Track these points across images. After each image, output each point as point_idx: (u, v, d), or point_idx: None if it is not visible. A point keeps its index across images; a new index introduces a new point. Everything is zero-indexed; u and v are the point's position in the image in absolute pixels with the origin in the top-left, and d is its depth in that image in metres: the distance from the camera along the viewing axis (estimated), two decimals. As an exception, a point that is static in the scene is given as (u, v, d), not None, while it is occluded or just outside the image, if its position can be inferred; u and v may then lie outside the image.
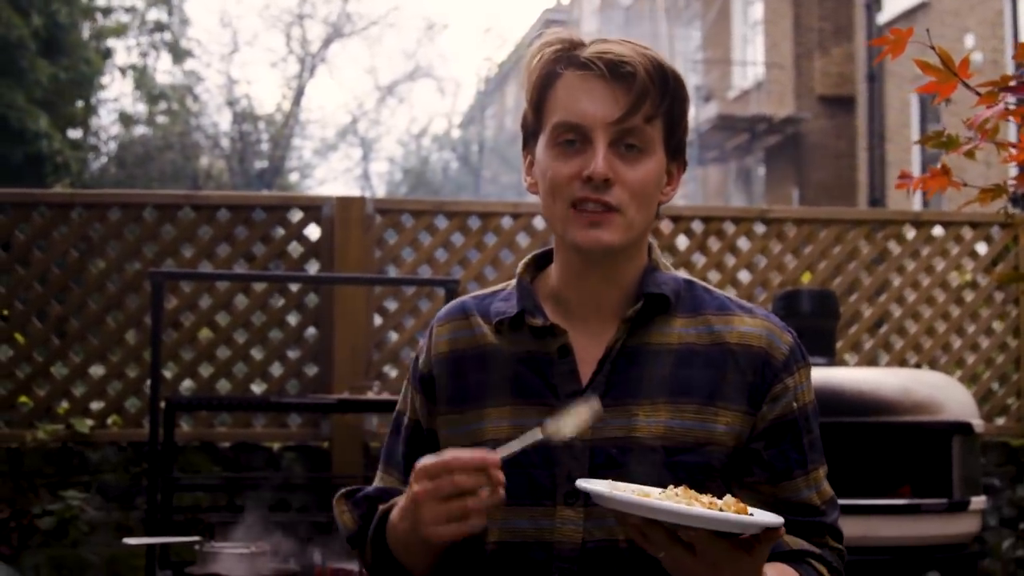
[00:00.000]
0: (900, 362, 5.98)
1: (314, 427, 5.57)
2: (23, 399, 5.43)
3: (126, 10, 22.16)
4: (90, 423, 5.39)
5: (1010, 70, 2.34)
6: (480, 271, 5.75)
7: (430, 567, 1.73)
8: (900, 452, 4.68)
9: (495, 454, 1.57)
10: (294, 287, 5.61)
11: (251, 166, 24.85)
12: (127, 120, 23.06)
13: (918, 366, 5.97)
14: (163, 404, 4.48)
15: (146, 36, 23.08)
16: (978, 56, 13.73)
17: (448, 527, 1.57)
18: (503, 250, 5.81)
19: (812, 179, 19.18)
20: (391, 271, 5.80)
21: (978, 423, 4.70)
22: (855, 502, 4.50)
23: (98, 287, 5.52)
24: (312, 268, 5.70)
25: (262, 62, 54.01)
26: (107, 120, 23.56)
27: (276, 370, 5.63)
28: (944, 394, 4.66)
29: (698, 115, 20.92)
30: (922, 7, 15.50)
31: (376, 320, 5.65)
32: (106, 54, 20.70)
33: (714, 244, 5.96)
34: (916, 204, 14.04)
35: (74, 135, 19.52)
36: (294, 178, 28.27)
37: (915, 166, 14.82)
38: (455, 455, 1.57)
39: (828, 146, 19.12)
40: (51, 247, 5.49)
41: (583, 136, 1.72)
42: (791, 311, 4.95)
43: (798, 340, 1.83)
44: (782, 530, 1.54)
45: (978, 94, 2.27)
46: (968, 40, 14.38)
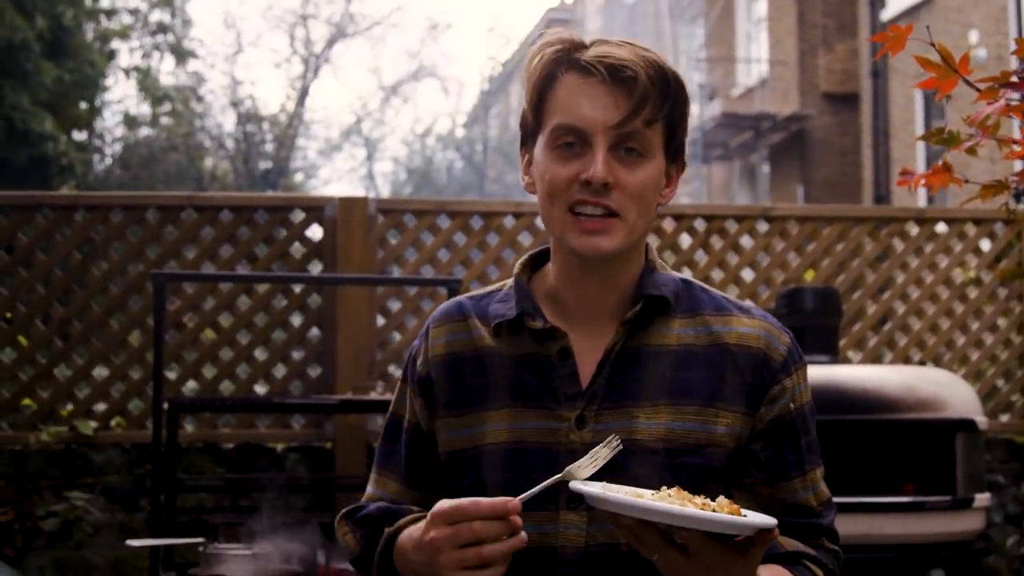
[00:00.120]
0: (904, 359, 5.97)
1: (317, 428, 5.57)
2: (26, 401, 5.44)
3: (130, 12, 22.17)
4: (93, 425, 5.39)
5: (1014, 66, 2.33)
6: (482, 271, 5.75)
7: None
8: (904, 450, 4.67)
9: (515, 500, 1.55)
10: (297, 288, 5.61)
11: (256, 167, 24.85)
12: (131, 122, 23.07)
13: (922, 363, 5.96)
14: (166, 405, 4.48)
15: (149, 38, 23.08)
16: (982, 52, 13.68)
17: (464, 574, 1.56)
18: (505, 250, 5.81)
19: (817, 176, 19.13)
20: (394, 271, 5.81)
21: (982, 420, 4.69)
22: (859, 500, 4.49)
23: (101, 289, 5.52)
24: (315, 269, 5.71)
25: (266, 63, 54.04)
26: (111, 122, 23.59)
27: (279, 371, 5.64)
28: (948, 391, 4.65)
29: (702, 113, 20.90)
30: (926, 3, 15.46)
31: (379, 320, 5.65)
32: (110, 56, 20.70)
33: (717, 242, 5.95)
34: (921, 201, 14.00)
35: (79, 137, 19.53)
36: (299, 179, 28.28)
37: (920, 163, 14.79)
38: (475, 501, 1.55)
39: (833, 143, 19.08)
40: (54, 249, 5.49)
41: (583, 139, 1.71)
42: (794, 309, 4.94)
43: (795, 340, 1.83)
44: (776, 531, 1.53)
45: (978, 90, 2.26)
46: (972, 36, 14.34)
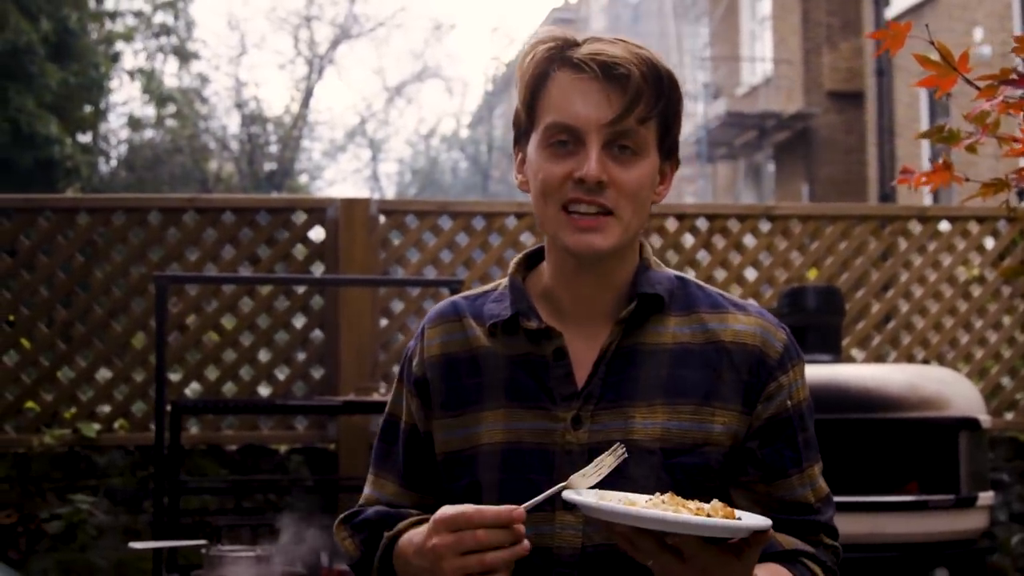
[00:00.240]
0: (907, 358, 5.95)
1: (321, 429, 5.56)
2: (30, 404, 5.44)
3: (134, 14, 22.19)
4: (97, 427, 5.39)
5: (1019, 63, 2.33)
6: (485, 271, 5.74)
7: None
8: (907, 448, 4.66)
9: (520, 509, 1.54)
10: (299, 289, 5.61)
11: (260, 168, 24.88)
12: (136, 124, 23.10)
13: (926, 362, 5.95)
14: (169, 408, 4.48)
15: (153, 40, 23.10)
16: (986, 49, 13.66)
17: None
18: (507, 250, 5.79)
19: (822, 175, 19.12)
20: (396, 272, 5.80)
21: (985, 419, 4.68)
22: (862, 499, 4.48)
23: (104, 291, 5.52)
24: (317, 270, 5.70)
25: (270, 64, 54.12)
26: (116, 124, 23.62)
27: (282, 372, 5.64)
28: (951, 390, 4.64)
29: (707, 112, 20.90)
30: (930, 1, 15.44)
31: (381, 321, 5.65)
32: (114, 58, 20.73)
33: (719, 242, 5.94)
34: (927, 199, 13.97)
35: (84, 139, 19.55)
36: (303, 180, 28.29)
37: (925, 161, 14.77)
38: (479, 509, 1.55)
39: (838, 141, 19.06)
40: (56, 252, 5.49)
41: (576, 137, 1.70)
42: (796, 308, 4.93)
43: (792, 337, 1.82)
44: (770, 532, 1.53)
45: (977, 88, 2.26)
46: (977, 33, 14.32)
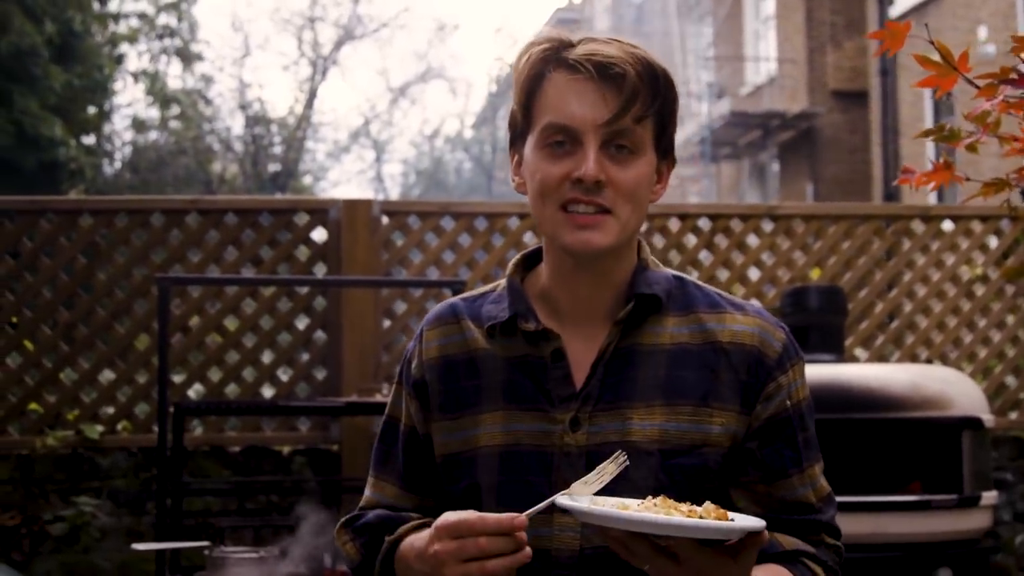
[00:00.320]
0: (911, 357, 5.94)
1: (324, 430, 5.56)
2: (33, 406, 5.44)
3: (138, 16, 22.21)
4: (100, 429, 5.40)
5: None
6: (488, 272, 5.74)
7: None
8: (910, 448, 4.65)
9: (522, 517, 1.54)
10: (302, 291, 5.61)
11: (264, 170, 24.89)
12: (140, 126, 23.13)
13: (929, 361, 5.94)
14: (172, 409, 4.49)
15: (157, 41, 23.12)
16: (991, 48, 13.64)
17: None
18: (510, 251, 5.79)
19: (826, 174, 19.10)
20: (399, 273, 5.80)
21: (988, 418, 4.67)
22: (865, 499, 4.48)
23: (106, 293, 5.52)
24: (319, 271, 5.70)
25: (274, 65, 54.17)
26: (120, 126, 23.65)
27: (285, 374, 5.64)
28: (953, 389, 4.63)
29: (711, 112, 20.88)
30: (934, 0, 15.42)
31: (384, 322, 5.65)
32: (118, 60, 20.74)
33: (722, 242, 5.94)
34: (932, 198, 13.94)
35: (88, 141, 19.56)
36: (307, 181, 28.31)
37: (929, 160, 14.72)
38: (481, 517, 1.54)
39: (842, 141, 19.04)
40: (59, 254, 5.50)
41: (573, 138, 1.71)
42: (799, 308, 4.93)
43: (791, 336, 1.82)
44: (765, 534, 1.53)
45: (977, 87, 2.25)
46: (981, 32, 14.30)
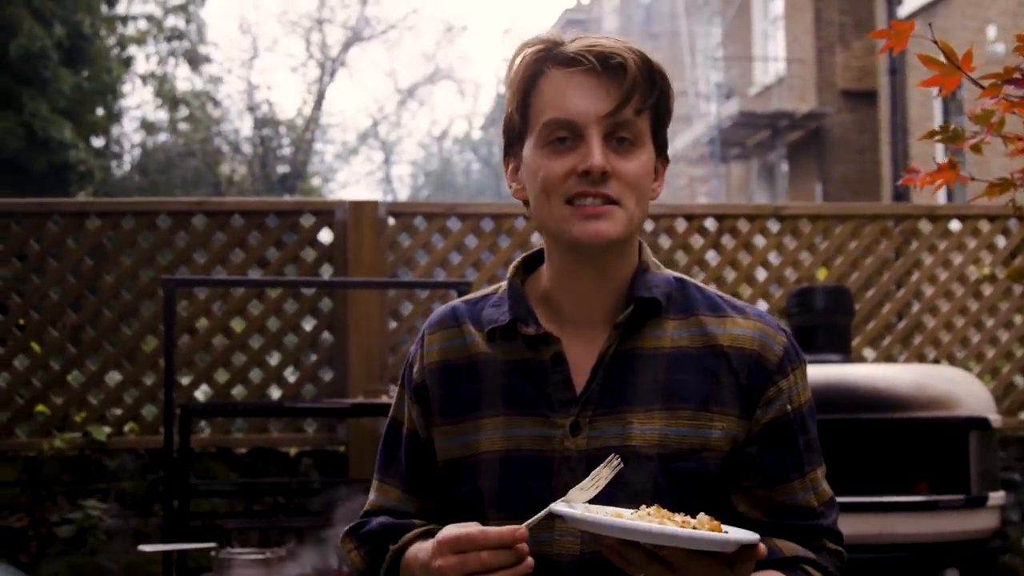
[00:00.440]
0: (918, 357, 5.92)
1: (330, 432, 5.56)
2: (40, 408, 5.45)
3: (146, 18, 22.23)
4: (107, 431, 5.41)
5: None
6: (494, 273, 5.73)
7: None
8: (917, 448, 4.64)
9: (522, 528, 1.54)
10: (308, 292, 5.61)
11: (273, 171, 24.91)
12: (149, 127, 23.16)
13: (937, 361, 5.92)
14: (179, 411, 4.49)
15: (165, 44, 23.14)
16: (999, 47, 13.61)
17: None
18: (517, 251, 5.78)
19: (835, 174, 19.07)
20: (405, 274, 5.80)
21: (995, 418, 4.65)
22: (872, 499, 4.47)
23: (113, 295, 5.53)
24: (326, 272, 5.71)
25: (282, 67, 54.24)
26: (129, 128, 23.68)
27: (291, 375, 5.64)
28: (960, 389, 4.62)
29: (719, 112, 20.86)
30: (942, -1, 15.39)
31: (390, 324, 5.65)
32: (127, 62, 20.76)
33: (728, 242, 5.93)
34: (941, 198, 13.90)
35: (97, 143, 19.59)
36: (316, 183, 28.32)
37: (939, 159, 14.66)
38: (483, 531, 1.54)
39: (851, 141, 19.01)
40: (66, 256, 5.51)
41: (575, 132, 1.70)
42: (805, 308, 4.92)
43: (793, 339, 1.81)
44: (761, 547, 1.52)
45: (981, 87, 2.25)
46: (990, 31, 14.27)
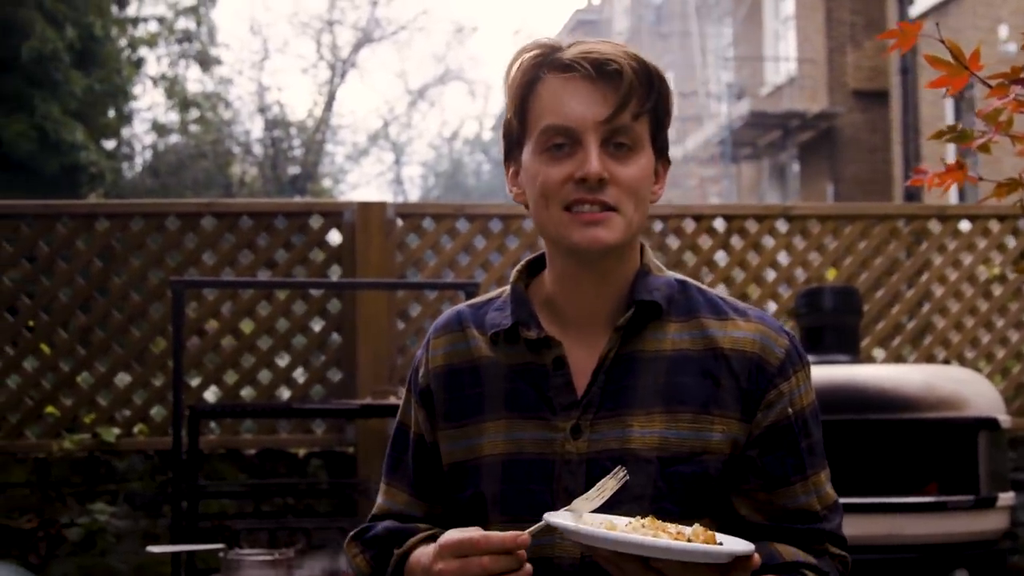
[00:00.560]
0: (928, 358, 5.90)
1: (339, 433, 5.57)
2: (49, 409, 5.47)
3: (157, 20, 22.28)
4: (116, 432, 5.41)
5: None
6: (502, 274, 5.73)
7: None
8: (926, 449, 4.63)
9: (524, 535, 1.53)
10: (317, 293, 5.61)
11: (284, 172, 24.95)
12: (160, 129, 23.21)
13: (947, 361, 5.90)
14: (187, 412, 4.50)
15: (176, 46, 23.19)
16: (1011, 47, 13.58)
17: None
18: (525, 252, 5.78)
19: (847, 174, 19.04)
20: (413, 275, 5.80)
21: (1004, 418, 4.64)
22: (881, 500, 4.46)
23: (122, 297, 5.54)
24: (334, 274, 5.71)
25: (293, 69, 54.22)
26: (140, 130, 23.74)
27: (300, 376, 5.64)
28: (969, 389, 4.60)
29: (730, 112, 20.84)
30: (954, -2, 15.35)
31: (399, 324, 5.65)
32: (138, 64, 20.81)
33: (737, 242, 5.92)
34: (953, 198, 13.86)
35: (108, 145, 19.63)
36: (327, 184, 28.35)
37: (950, 159, 14.62)
38: (485, 535, 1.54)
39: (862, 140, 18.97)
40: (75, 257, 5.52)
41: (573, 138, 1.70)
42: (813, 308, 4.91)
43: (796, 342, 1.79)
44: (756, 557, 1.51)
45: (989, 86, 2.24)
46: (1002, 31, 14.23)
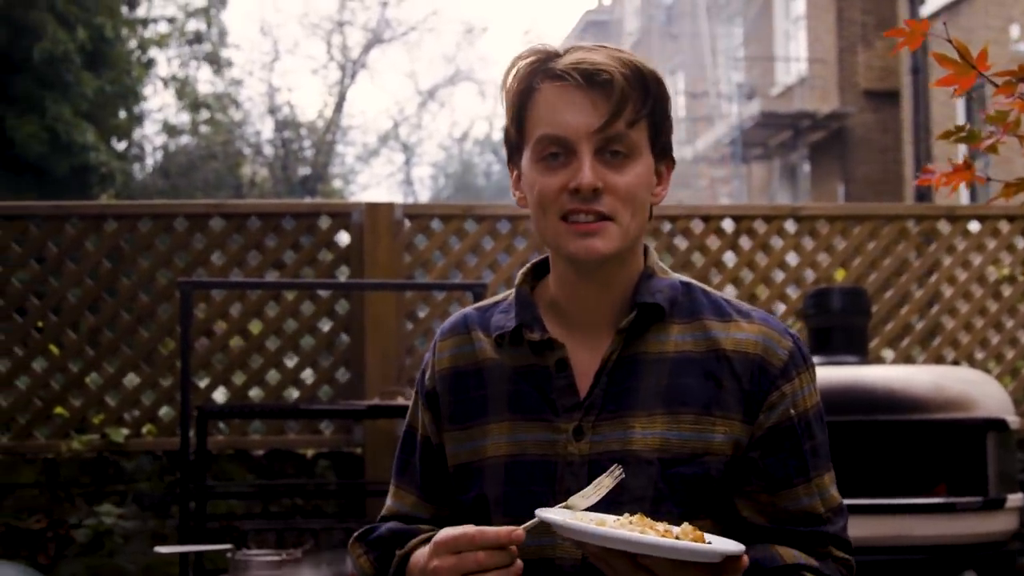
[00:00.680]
0: (937, 358, 5.89)
1: (347, 433, 5.57)
2: (58, 410, 5.48)
3: (169, 21, 22.32)
4: (125, 433, 5.43)
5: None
6: (510, 275, 5.73)
7: None
8: (934, 450, 4.61)
9: (519, 530, 1.54)
10: (325, 294, 5.62)
11: (294, 173, 24.97)
12: (170, 130, 23.26)
13: (956, 362, 5.89)
14: (196, 413, 4.51)
15: (187, 47, 23.22)
16: (1023, 46, 13.54)
17: None
18: (533, 253, 5.78)
19: (858, 174, 18.99)
20: (421, 276, 5.80)
21: (1013, 419, 4.63)
22: (890, 501, 4.45)
23: (131, 297, 5.56)
24: (342, 274, 5.71)
25: (303, 69, 54.30)
26: (151, 131, 23.77)
27: (308, 377, 5.65)
28: (977, 390, 4.59)
29: (741, 112, 20.82)
30: (965, -2, 15.31)
31: (407, 325, 5.65)
32: (148, 65, 20.84)
33: (746, 243, 5.91)
34: (964, 198, 13.84)
35: (119, 146, 19.67)
36: (337, 184, 28.36)
37: (960, 159, 14.59)
38: (480, 530, 1.55)
39: (873, 140, 18.93)
40: (84, 258, 5.54)
41: (567, 148, 1.71)
42: (821, 309, 4.90)
43: (800, 344, 1.79)
44: (744, 558, 1.51)
45: (996, 85, 2.23)
46: (1013, 30, 14.20)
